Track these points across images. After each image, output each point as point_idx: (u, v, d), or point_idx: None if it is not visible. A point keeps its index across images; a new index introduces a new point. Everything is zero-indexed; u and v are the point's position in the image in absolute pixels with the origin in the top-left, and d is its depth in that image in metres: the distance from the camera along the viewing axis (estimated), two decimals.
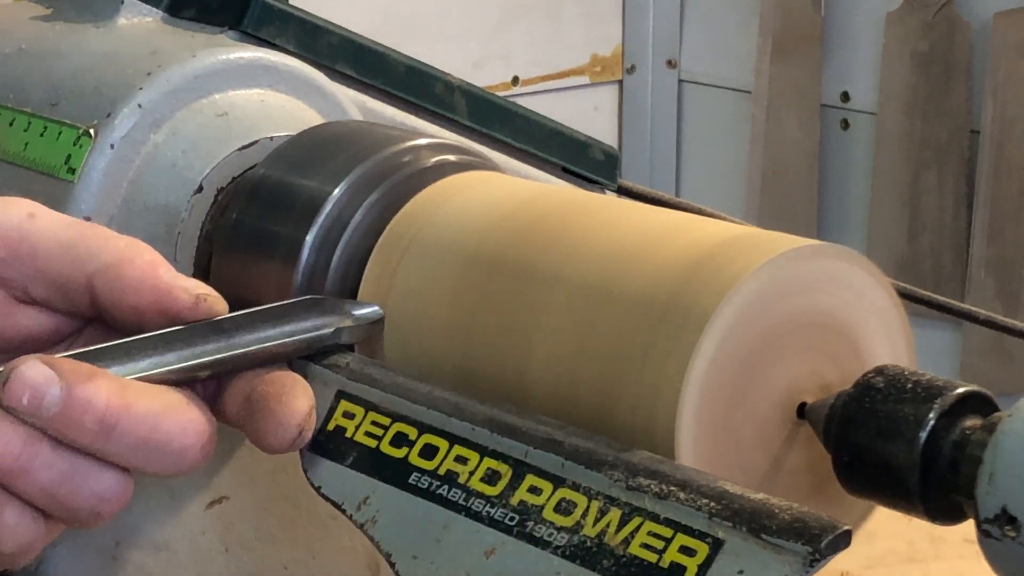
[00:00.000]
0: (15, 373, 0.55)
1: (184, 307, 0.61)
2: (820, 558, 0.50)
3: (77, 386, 0.56)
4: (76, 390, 0.56)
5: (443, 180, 0.70)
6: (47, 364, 0.56)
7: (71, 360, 0.57)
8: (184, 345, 0.60)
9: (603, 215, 0.65)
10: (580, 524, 0.55)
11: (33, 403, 0.55)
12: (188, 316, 0.61)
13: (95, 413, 0.56)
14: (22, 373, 0.55)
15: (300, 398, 0.60)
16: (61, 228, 0.62)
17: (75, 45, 0.81)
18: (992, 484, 0.53)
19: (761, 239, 0.61)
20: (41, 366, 0.56)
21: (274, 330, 0.62)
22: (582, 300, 0.61)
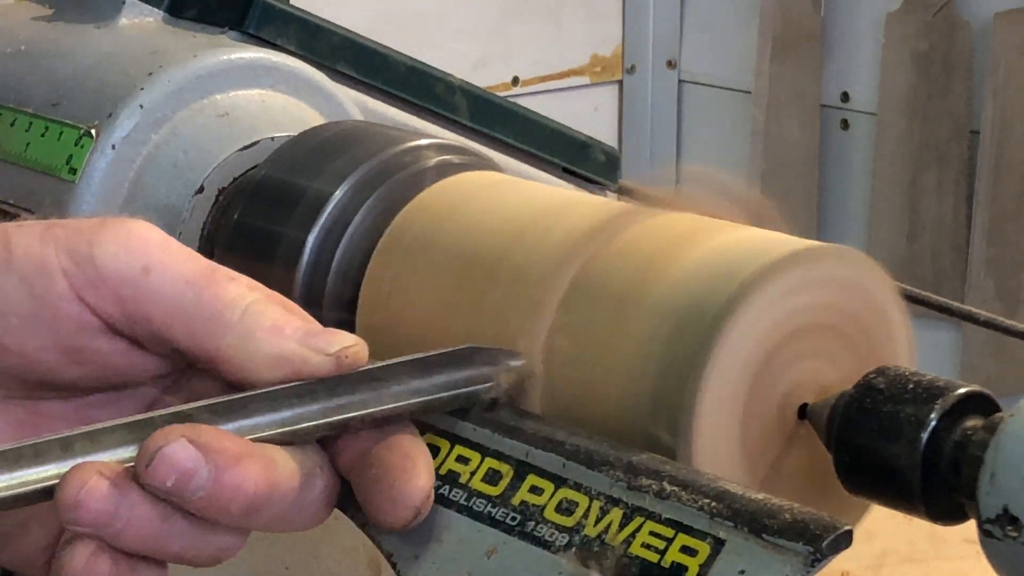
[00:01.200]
0: (160, 455, 0.52)
1: (323, 371, 0.56)
2: (821, 558, 0.50)
3: (226, 471, 0.52)
4: (225, 475, 0.52)
5: (444, 180, 0.70)
6: (194, 443, 0.52)
7: (218, 434, 0.53)
8: (328, 396, 0.56)
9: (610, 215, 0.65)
10: (581, 524, 0.55)
11: (178, 487, 0.52)
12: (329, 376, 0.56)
13: (243, 499, 0.53)
14: (168, 456, 0.52)
15: (422, 475, 0.56)
16: (178, 290, 0.56)
17: (76, 45, 0.81)
18: (993, 484, 0.54)
19: (763, 241, 0.61)
20: (188, 448, 0.52)
21: (424, 382, 0.57)
22: (583, 302, 0.61)
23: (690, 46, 2.89)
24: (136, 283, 0.56)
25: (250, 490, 0.53)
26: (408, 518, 0.55)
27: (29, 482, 0.52)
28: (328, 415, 0.55)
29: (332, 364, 0.56)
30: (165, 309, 0.56)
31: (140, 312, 0.56)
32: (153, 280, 0.56)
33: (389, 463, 0.55)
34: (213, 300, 0.56)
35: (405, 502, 0.55)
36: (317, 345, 0.56)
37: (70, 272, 0.56)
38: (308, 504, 0.55)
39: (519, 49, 2.77)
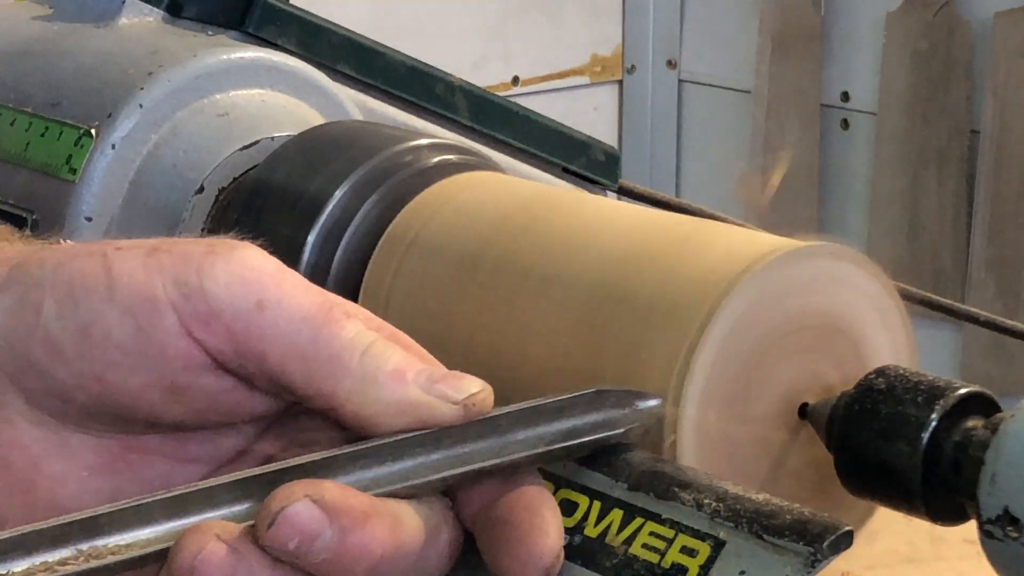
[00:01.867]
0: (283, 516, 0.49)
1: (449, 420, 0.53)
2: (822, 558, 0.50)
3: (352, 533, 0.50)
4: (350, 537, 0.49)
5: (445, 180, 0.70)
6: (318, 503, 0.49)
7: (342, 492, 0.50)
8: (452, 445, 0.53)
9: (603, 216, 0.65)
10: (582, 524, 0.55)
11: (301, 549, 0.49)
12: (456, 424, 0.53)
13: (368, 561, 0.50)
14: (291, 517, 0.49)
15: (552, 533, 0.52)
16: (294, 328, 0.53)
17: (76, 45, 0.81)
18: (994, 485, 0.53)
19: (761, 241, 0.61)
20: (313, 509, 0.49)
21: (553, 428, 0.54)
22: (582, 301, 0.61)
23: (690, 46, 2.89)
24: (250, 319, 0.53)
25: (376, 552, 0.50)
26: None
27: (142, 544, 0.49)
28: (453, 466, 0.53)
29: (459, 413, 0.53)
30: (280, 348, 0.53)
31: (253, 350, 0.53)
32: (268, 316, 0.53)
33: (517, 519, 0.52)
34: (331, 340, 0.53)
35: (535, 563, 0.52)
36: (443, 392, 0.53)
37: (179, 306, 0.53)
38: (432, 559, 0.53)
39: (519, 49, 2.77)
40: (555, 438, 0.54)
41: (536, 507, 0.53)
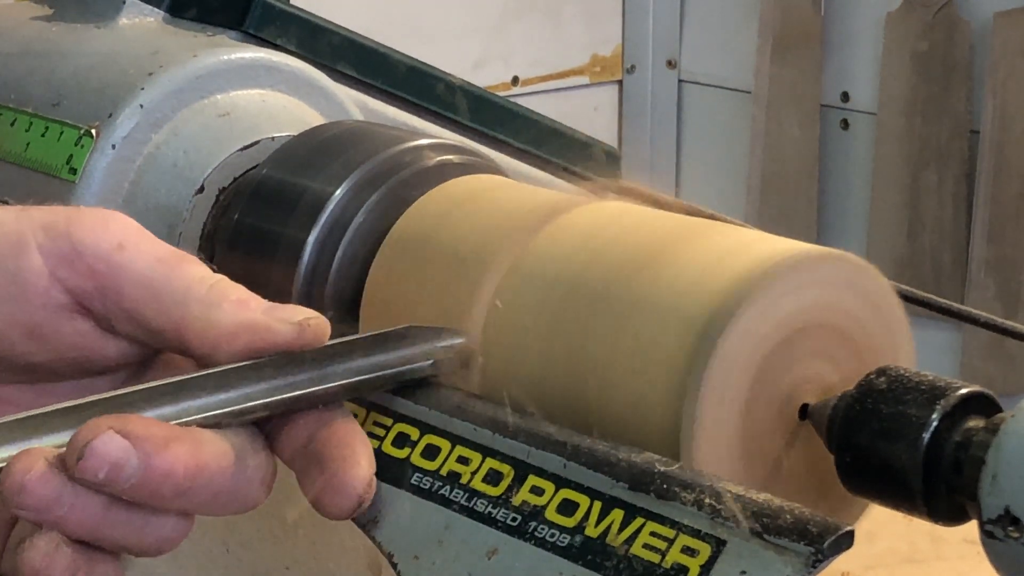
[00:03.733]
0: (90, 448, 0.52)
1: (287, 340, 0.57)
2: (822, 559, 0.50)
3: (154, 456, 0.53)
4: (154, 460, 0.53)
5: (448, 183, 0.70)
6: (121, 432, 0.53)
7: (144, 422, 0.54)
8: (275, 375, 0.57)
9: (608, 218, 0.65)
10: (582, 525, 0.55)
11: (110, 477, 0.53)
12: (294, 347, 0.57)
13: (173, 482, 0.54)
14: (97, 448, 0.52)
15: (363, 463, 0.57)
16: (149, 265, 0.58)
17: (76, 45, 0.81)
18: (995, 485, 0.53)
19: (763, 244, 0.61)
20: (117, 439, 0.53)
21: (366, 361, 0.58)
22: (585, 304, 0.61)
23: (690, 46, 2.89)
24: (110, 258, 0.58)
25: (179, 473, 0.54)
26: (351, 507, 0.56)
27: None
28: (264, 396, 0.56)
29: (295, 332, 0.57)
30: (137, 283, 0.58)
31: (112, 286, 0.58)
32: (127, 256, 0.58)
33: (330, 453, 0.56)
34: (182, 275, 0.58)
35: (347, 492, 0.56)
36: (281, 315, 0.57)
37: (45, 247, 0.58)
38: (243, 485, 0.56)
39: (519, 49, 2.77)
40: (368, 369, 0.58)
41: (347, 440, 0.56)
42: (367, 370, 0.58)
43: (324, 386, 0.57)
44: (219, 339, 0.57)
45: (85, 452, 0.53)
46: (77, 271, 0.58)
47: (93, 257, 0.58)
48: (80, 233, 0.58)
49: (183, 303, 0.58)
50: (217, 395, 0.56)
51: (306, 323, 0.57)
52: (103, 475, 0.53)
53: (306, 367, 0.57)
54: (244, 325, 0.57)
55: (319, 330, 0.58)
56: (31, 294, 0.58)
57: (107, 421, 0.53)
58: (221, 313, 0.57)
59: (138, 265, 0.58)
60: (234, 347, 0.57)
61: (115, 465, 0.53)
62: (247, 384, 0.56)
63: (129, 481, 0.53)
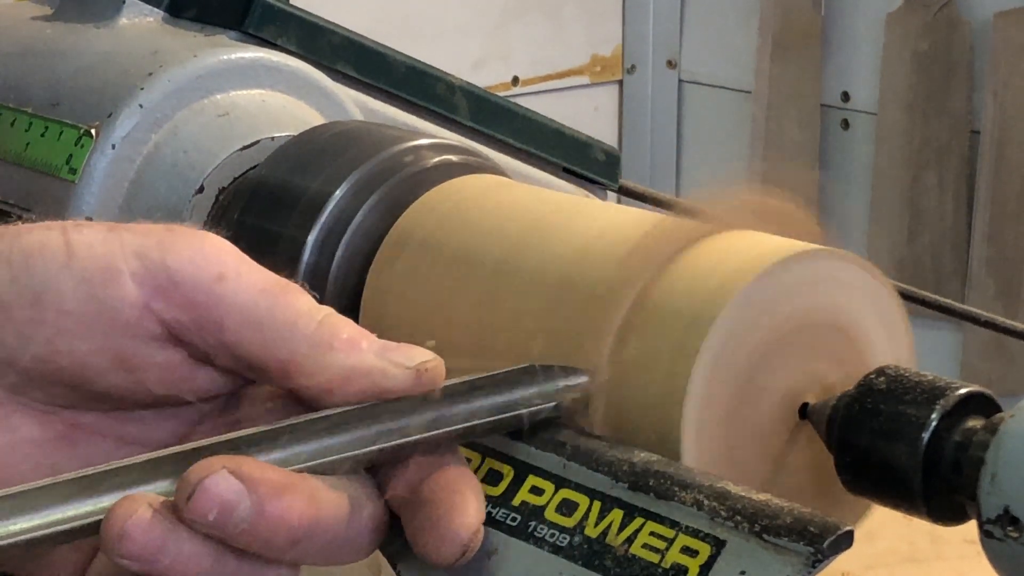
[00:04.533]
0: (201, 488, 0.50)
1: (403, 387, 0.54)
2: (822, 559, 0.50)
3: (269, 502, 0.50)
4: (268, 507, 0.50)
5: (448, 182, 0.70)
6: (235, 474, 0.50)
7: (260, 465, 0.51)
8: (390, 418, 0.54)
9: (604, 219, 0.65)
10: (582, 525, 0.55)
11: (221, 520, 0.50)
12: (409, 393, 0.54)
13: (286, 531, 0.51)
14: (209, 488, 0.50)
15: (471, 512, 0.53)
16: (252, 298, 0.54)
17: (76, 45, 0.81)
18: (994, 485, 0.53)
19: (762, 243, 0.61)
20: (230, 479, 0.50)
21: (484, 403, 0.55)
22: (581, 304, 0.61)
23: (690, 46, 2.89)
24: (210, 289, 0.54)
25: (294, 522, 0.51)
26: (455, 555, 0.53)
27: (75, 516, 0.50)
28: (380, 441, 0.53)
29: (411, 378, 0.54)
30: (238, 317, 0.54)
31: (212, 319, 0.54)
32: (227, 286, 0.54)
33: (438, 499, 0.53)
34: (287, 309, 0.54)
35: (452, 539, 0.53)
36: (396, 359, 0.54)
37: (138, 275, 0.54)
38: (355, 535, 0.53)
39: (519, 49, 2.77)
40: (489, 412, 0.55)
41: (457, 486, 0.54)
42: (485, 413, 0.55)
43: (439, 431, 0.54)
44: (331, 383, 0.54)
45: (196, 490, 0.50)
46: (173, 302, 0.54)
47: (191, 288, 0.54)
48: (176, 261, 0.54)
49: (290, 340, 0.54)
50: (329, 439, 0.53)
51: (423, 368, 0.54)
52: (213, 516, 0.50)
53: (421, 410, 0.54)
54: (358, 370, 0.54)
55: (436, 374, 0.54)
56: (122, 324, 0.54)
57: (220, 461, 0.51)
58: (332, 355, 0.54)
59: (240, 297, 0.54)
60: (347, 392, 0.54)
61: (227, 506, 0.50)
62: (360, 428, 0.53)
63: (240, 526, 0.50)
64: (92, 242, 0.55)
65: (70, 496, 0.50)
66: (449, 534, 0.53)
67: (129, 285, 0.54)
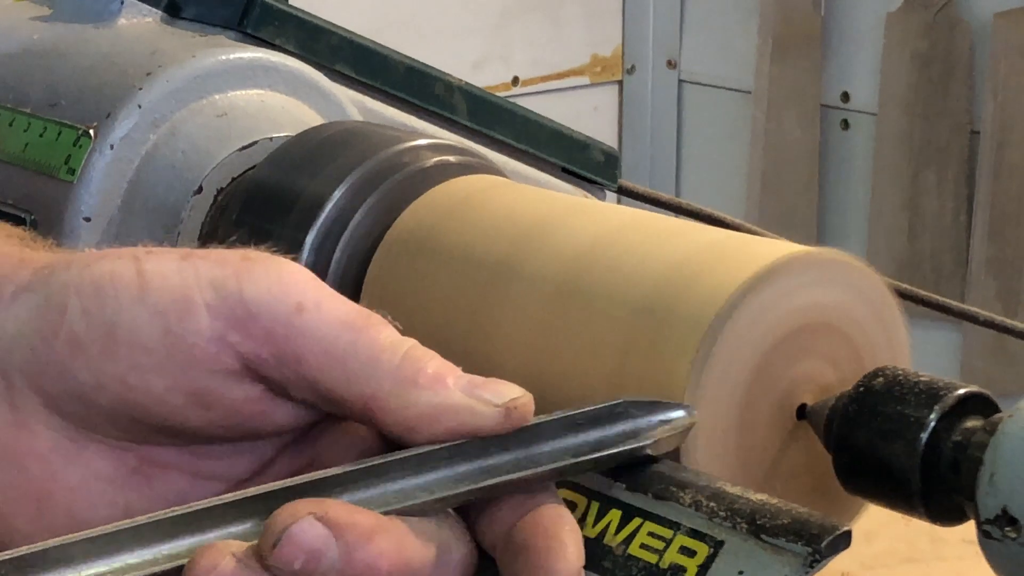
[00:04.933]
0: (288, 535, 0.48)
1: (492, 426, 0.52)
2: (820, 559, 0.50)
3: (357, 549, 0.49)
4: (356, 554, 0.49)
5: (447, 182, 0.70)
6: (322, 520, 0.48)
7: (347, 509, 0.49)
8: (479, 457, 0.52)
9: (608, 220, 0.65)
10: (580, 525, 0.55)
11: (308, 568, 0.48)
12: (498, 432, 0.52)
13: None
14: (295, 535, 0.48)
15: (570, 556, 0.51)
16: (333, 331, 0.52)
17: (75, 45, 0.81)
18: (992, 485, 0.53)
19: (760, 245, 0.61)
20: (318, 526, 0.48)
21: (576, 440, 0.53)
22: (584, 307, 0.61)
23: (690, 46, 2.89)
24: (289, 321, 0.52)
25: (383, 569, 0.49)
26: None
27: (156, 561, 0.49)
28: (469, 481, 0.52)
29: (500, 416, 0.52)
30: (319, 350, 0.52)
31: (291, 352, 0.52)
32: (307, 319, 0.52)
33: (536, 543, 0.51)
34: (371, 343, 0.52)
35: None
36: (484, 396, 0.52)
37: (214, 307, 0.52)
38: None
39: (519, 49, 2.77)
40: (581, 450, 0.53)
41: (555, 530, 0.52)
42: (579, 451, 0.53)
43: (532, 471, 0.52)
44: (417, 421, 0.52)
45: (282, 538, 0.48)
46: (251, 336, 0.52)
47: (269, 320, 0.52)
48: (254, 292, 0.52)
49: (373, 376, 0.52)
50: (417, 479, 0.51)
51: (512, 407, 0.52)
52: (299, 565, 0.48)
53: (512, 449, 0.52)
54: (444, 408, 0.52)
55: (525, 411, 0.52)
56: (198, 359, 0.52)
57: (306, 506, 0.49)
58: (418, 392, 0.52)
59: (321, 330, 0.52)
60: (433, 431, 0.52)
61: (314, 554, 0.48)
62: (449, 467, 0.51)
63: (327, 574, 0.48)
64: (166, 272, 0.53)
65: (152, 540, 0.49)
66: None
67: (204, 317, 0.52)
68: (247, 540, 0.49)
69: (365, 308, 0.54)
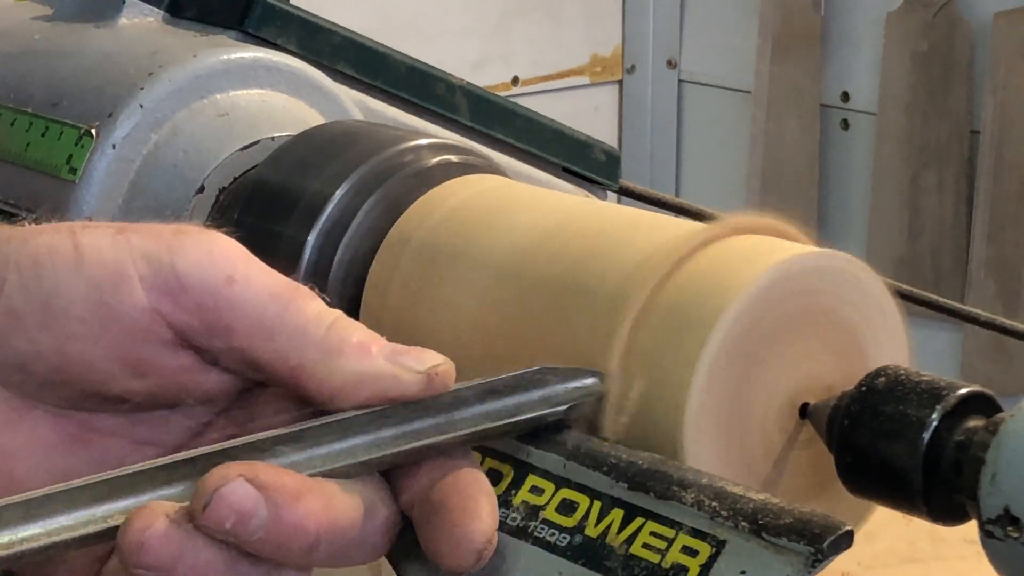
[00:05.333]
0: (218, 496, 0.49)
1: (414, 391, 0.54)
2: (822, 558, 0.50)
3: (285, 509, 0.50)
4: (284, 513, 0.50)
5: (448, 182, 0.70)
6: (252, 481, 0.50)
7: (275, 471, 0.51)
8: (403, 422, 0.53)
9: (614, 223, 0.65)
10: (582, 524, 0.55)
11: (237, 528, 0.50)
12: (420, 397, 0.54)
13: (302, 537, 0.51)
14: (226, 496, 0.49)
15: (484, 516, 0.53)
16: (261, 302, 0.54)
17: (76, 45, 0.81)
18: (994, 485, 0.54)
19: (762, 244, 0.61)
20: (247, 487, 0.50)
21: (495, 405, 0.55)
22: (584, 307, 0.61)
23: (690, 46, 2.89)
24: (219, 293, 0.54)
25: (311, 528, 0.51)
26: (470, 562, 0.53)
27: (90, 522, 0.50)
28: (393, 445, 0.53)
29: (422, 382, 0.54)
30: (248, 321, 0.54)
31: (221, 323, 0.54)
32: (237, 291, 0.54)
33: (450, 504, 0.53)
34: (297, 314, 0.54)
35: (466, 546, 0.52)
36: (406, 363, 0.54)
37: (147, 279, 0.54)
38: (369, 538, 0.53)
39: (519, 49, 2.77)
40: (500, 415, 0.55)
41: (471, 491, 0.53)
42: (496, 416, 0.55)
43: (452, 434, 0.54)
44: (341, 389, 0.54)
45: (213, 499, 0.49)
46: (183, 307, 0.54)
47: (200, 292, 0.54)
48: (185, 264, 0.54)
49: (300, 346, 0.54)
50: (343, 443, 0.53)
51: (433, 372, 0.54)
52: (230, 524, 0.50)
53: (433, 413, 0.54)
54: (368, 375, 0.54)
55: (446, 377, 0.54)
56: (132, 329, 0.54)
57: (236, 468, 0.50)
58: (343, 361, 0.54)
59: (250, 302, 0.54)
60: (357, 398, 0.54)
61: (243, 514, 0.50)
62: (373, 431, 0.53)
63: (256, 533, 0.50)
64: (101, 246, 0.54)
65: (86, 502, 0.50)
66: (464, 540, 0.52)
67: (137, 289, 0.54)
68: (180, 502, 0.51)
69: (293, 281, 0.55)
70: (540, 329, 0.62)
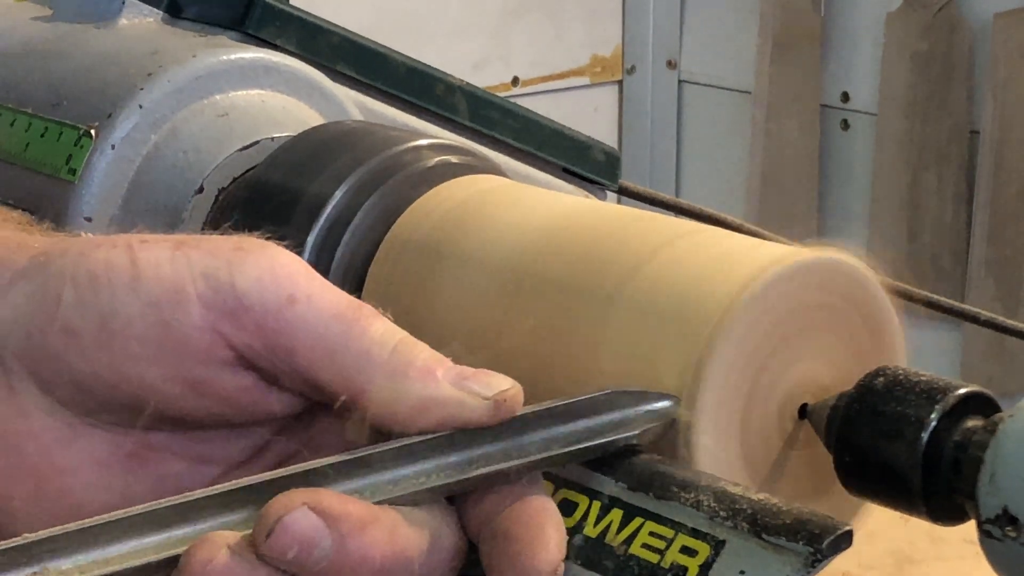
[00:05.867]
0: (281, 525, 0.48)
1: (481, 418, 0.52)
2: (822, 558, 0.50)
3: (350, 539, 0.49)
4: (349, 543, 0.49)
5: (448, 182, 0.70)
6: (315, 510, 0.49)
7: (340, 500, 0.49)
8: (465, 447, 0.52)
9: (614, 223, 0.65)
10: (581, 524, 0.55)
11: (300, 558, 0.48)
12: (487, 424, 0.52)
13: (367, 567, 0.49)
14: (289, 526, 0.48)
15: (552, 547, 0.51)
16: (324, 323, 0.52)
17: (76, 45, 0.81)
18: (993, 484, 0.54)
19: (764, 247, 0.61)
20: (310, 516, 0.48)
21: (564, 430, 0.54)
22: (586, 305, 0.61)
23: (690, 46, 2.89)
24: (280, 314, 0.52)
25: (376, 558, 0.50)
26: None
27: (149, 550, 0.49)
28: (459, 471, 0.52)
29: (489, 409, 0.52)
30: (310, 343, 0.52)
31: (283, 344, 0.52)
32: (298, 311, 0.52)
33: (518, 532, 0.52)
34: (361, 335, 0.53)
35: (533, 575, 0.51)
36: (473, 388, 0.52)
37: (207, 300, 0.52)
38: (435, 567, 0.52)
39: (519, 49, 2.77)
40: (569, 440, 0.54)
41: (538, 520, 0.52)
42: (567, 441, 0.53)
43: (520, 460, 0.53)
44: (407, 414, 0.52)
45: (275, 528, 0.48)
46: (243, 327, 0.52)
47: (261, 312, 0.52)
48: (245, 283, 0.52)
49: (364, 369, 0.52)
50: (407, 469, 0.51)
51: (501, 399, 0.52)
52: (292, 555, 0.48)
53: (501, 438, 0.52)
54: (434, 400, 0.52)
55: (514, 403, 0.53)
56: (191, 350, 0.52)
57: (300, 496, 0.49)
58: (408, 384, 0.52)
59: (312, 323, 0.52)
60: (422, 424, 0.52)
61: (307, 544, 0.48)
62: (439, 457, 0.52)
63: (320, 563, 0.49)
64: (159, 262, 0.53)
65: (144, 530, 0.49)
66: (531, 572, 0.51)
67: (196, 308, 0.52)
68: (241, 530, 0.50)
69: (357, 300, 0.54)
70: (540, 329, 0.62)
